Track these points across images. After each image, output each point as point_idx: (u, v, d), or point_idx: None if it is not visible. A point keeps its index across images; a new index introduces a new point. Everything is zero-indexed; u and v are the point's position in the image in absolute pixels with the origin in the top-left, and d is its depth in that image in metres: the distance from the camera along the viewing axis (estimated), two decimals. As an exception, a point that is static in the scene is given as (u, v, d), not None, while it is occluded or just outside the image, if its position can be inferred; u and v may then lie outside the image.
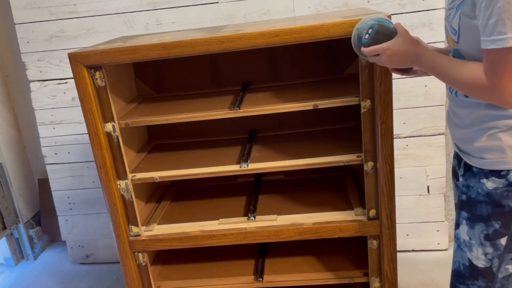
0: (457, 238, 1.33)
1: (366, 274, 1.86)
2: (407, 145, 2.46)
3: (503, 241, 1.20)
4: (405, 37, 1.25)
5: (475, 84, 1.10)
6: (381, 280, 1.82)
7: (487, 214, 1.21)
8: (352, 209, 1.84)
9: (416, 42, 1.27)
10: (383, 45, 1.27)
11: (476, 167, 1.23)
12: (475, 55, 1.15)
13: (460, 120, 1.25)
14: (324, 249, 2.05)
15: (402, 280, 2.30)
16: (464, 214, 1.28)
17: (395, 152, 2.11)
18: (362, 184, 1.77)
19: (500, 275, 1.23)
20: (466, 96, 1.22)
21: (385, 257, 1.76)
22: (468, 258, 1.28)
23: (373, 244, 1.77)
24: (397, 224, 1.75)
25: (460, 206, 1.31)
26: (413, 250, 2.61)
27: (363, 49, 1.33)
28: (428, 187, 2.50)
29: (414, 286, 2.35)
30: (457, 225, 1.32)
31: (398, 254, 1.85)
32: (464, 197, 1.28)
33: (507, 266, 1.22)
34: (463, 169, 1.30)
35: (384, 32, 1.28)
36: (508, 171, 1.16)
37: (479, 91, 1.11)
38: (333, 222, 1.77)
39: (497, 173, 1.18)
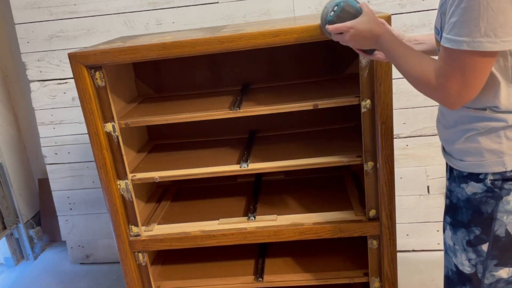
0: (444, 243, 1.32)
1: (366, 274, 1.86)
2: (407, 145, 2.45)
3: (484, 247, 1.18)
4: (370, 17, 1.24)
5: (422, 80, 1.09)
6: (381, 280, 1.82)
7: (468, 220, 1.19)
8: (352, 209, 1.84)
9: (381, 24, 1.26)
10: (347, 23, 1.26)
11: (457, 170, 1.21)
12: None
13: (445, 120, 1.24)
14: (324, 249, 2.05)
15: (402, 280, 2.29)
16: (448, 219, 1.27)
17: (395, 152, 2.11)
18: (362, 184, 1.77)
19: (486, 281, 1.20)
20: None
21: (385, 257, 1.76)
22: (454, 264, 1.27)
23: (373, 244, 1.77)
24: (397, 224, 1.75)
25: (445, 210, 1.30)
26: (413, 250, 2.61)
27: (327, 26, 1.32)
28: (428, 187, 2.50)
29: (414, 286, 2.35)
30: (444, 230, 1.31)
31: (398, 254, 1.85)
32: (447, 201, 1.27)
33: (492, 273, 1.19)
34: (448, 173, 1.29)
35: (349, 10, 1.29)
36: (486, 174, 1.14)
37: (425, 88, 1.10)
38: (333, 222, 1.77)
39: (475, 177, 1.16)
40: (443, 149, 1.29)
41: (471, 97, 1.05)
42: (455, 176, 1.23)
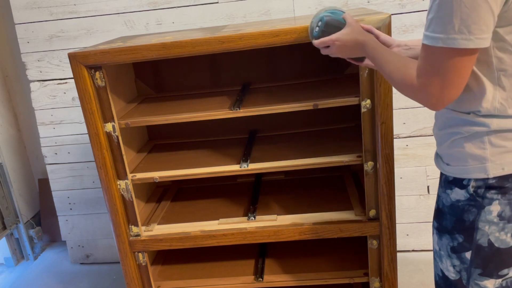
0: (433, 248, 1.32)
1: (366, 274, 1.86)
2: (407, 145, 2.46)
3: (468, 255, 1.16)
4: (353, 28, 1.26)
5: (405, 82, 1.07)
6: (381, 280, 1.82)
7: (451, 227, 1.18)
8: (352, 209, 1.84)
9: (365, 32, 1.27)
10: (332, 36, 1.28)
11: (444, 175, 1.20)
12: None
13: (436, 121, 1.23)
14: (324, 249, 2.05)
15: (402, 280, 2.30)
16: (435, 223, 1.26)
17: (395, 152, 2.11)
18: (362, 184, 1.77)
19: None
20: None
21: (385, 257, 1.76)
22: (441, 269, 1.26)
23: (373, 244, 1.77)
24: (397, 224, 1.75)
25: (433, 215, 1.29)
26: (413, 250, 2.61)
27: (314, 41, 1.34)
28: (428, 187, 2.51)
29: (414, 286, 2.35)
30: (432, 234, 1.31)
31: (398, 254, 1.85)
32: (435, 206, 1.26)
33: (477, 282, 1.17)
34: (439, 177, 1.28)
35: (333, 24, 1.30)
36: (468, 181, 1.11)
37: (408, 89, 1.07)
38: (333, 222, 1.77)
39: (459, 183, 1.14)
40: (436, 152, 1.28)
41: (452, 97, 1.02)
42: (441, 182, 1.22)
